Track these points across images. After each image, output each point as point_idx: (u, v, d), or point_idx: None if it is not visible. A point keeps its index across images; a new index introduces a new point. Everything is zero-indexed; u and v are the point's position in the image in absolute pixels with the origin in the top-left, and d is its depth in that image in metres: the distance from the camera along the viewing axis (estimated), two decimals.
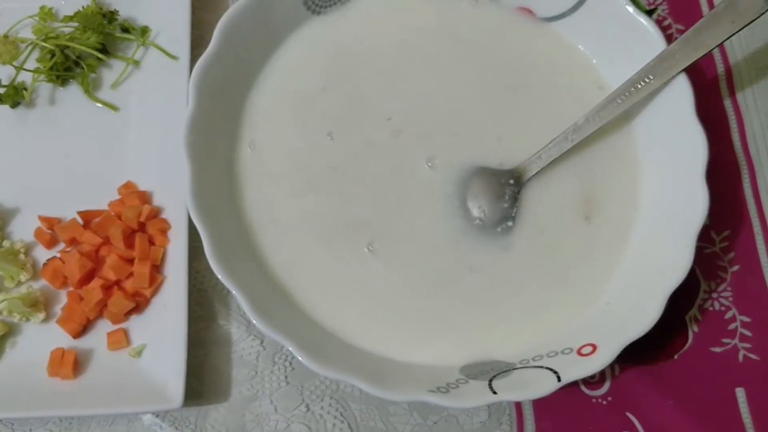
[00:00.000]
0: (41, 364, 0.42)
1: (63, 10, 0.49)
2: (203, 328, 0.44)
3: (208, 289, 0.45)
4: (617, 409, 0.43)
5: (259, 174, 0.43)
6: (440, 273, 0.42)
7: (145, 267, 0.43)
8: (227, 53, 0.42)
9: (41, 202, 0.46)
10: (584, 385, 0.43)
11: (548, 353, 0.39)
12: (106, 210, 0.45)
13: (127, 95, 0.48)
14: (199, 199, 0.39)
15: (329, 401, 0.43)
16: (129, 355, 0.43)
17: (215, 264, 0.38)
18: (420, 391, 0.37)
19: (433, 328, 0.41)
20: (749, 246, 0.46)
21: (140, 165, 0.46)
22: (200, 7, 0.50)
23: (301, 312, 0.41)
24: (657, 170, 0.43)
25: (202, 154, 0.40)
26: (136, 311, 0.43)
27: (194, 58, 0.44)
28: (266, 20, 0.43)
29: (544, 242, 0.42)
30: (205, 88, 0.41)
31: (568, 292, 0.42)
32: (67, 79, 0.48)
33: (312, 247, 0.42)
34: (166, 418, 0.43)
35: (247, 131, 0.44)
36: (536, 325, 0.41)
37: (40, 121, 0.48)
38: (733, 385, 0.43)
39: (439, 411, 0.43)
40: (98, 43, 0.47)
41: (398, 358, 0.40)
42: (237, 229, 0.42)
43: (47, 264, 0.44)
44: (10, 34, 0.49)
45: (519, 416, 0.43)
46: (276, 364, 0.44)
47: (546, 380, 0.37)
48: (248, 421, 0.43)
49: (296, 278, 0.41)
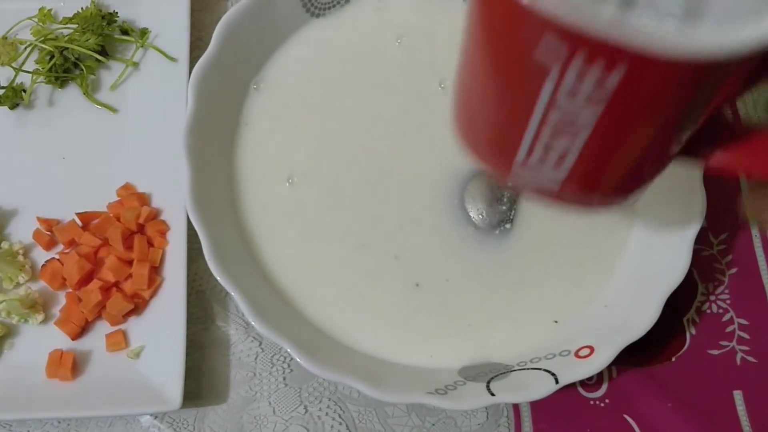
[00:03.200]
0: (40, 366, 0.42)
1: (62, 12, 0.50)
2: (202, 329, 0.44)
3: (207, 290, 0.45)
4: (615, 411, 0.43)
5: (258, 176, 0.43)
6: (438, 275, 0.42)
7: (144, 269, 0.43)
8: (226, 55, 0.42)
9: (40, 203, 0.46)
10: (582, 387, 0.43)
11: (546, 355, 0.39)
12: (105, 212, 0.45)
13: (126, 97, 0.48)
14: (198, 202, 0.39)
15: (327, 403, 0.43)
16: (127, 357, 0.43)
17: (214, 266, 0.38)
18: (418, 392, 0.37)
19: (432, 330, 0.41)
20: (747, 249, 0.46)
21: (139, 167, 0.46)
22: (199, 9, 0.50)
23: (300, 314, 0.41)
24: None
25: (201, 156, 0.40)
26: (134, 313, 0.43)
27: (193, 60, 0.44)
28: (265, 22, 0.43)
29: (542, 245, 0.42)
30: (204, 90, 0.41)
31: (566, 295, 0.42)
32: (66, 81, 0.48)
33: (311, 249, 0.42)
34: (165, 420, 0.43)
35: (247, 133, 0.44)
36: (534, 327, 0.41)
37: (39, 123, 0.48)
38: (731, 387, 0.43)
39: (437, 413, 0.43)
40: (97, 45, 0.48)
41: (396, 360, 0.40)
42: (236, 231, 0.42)
43: (46, 265, 0.44)
44: (9, 36, 0.49)
45: (517, 418, 0.43)
46: (274, 365, 0.44)
47: (544, 382, 0.37)
48: (246, 422, 0.43)
49: (295, 280, 0.41)
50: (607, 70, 0.18)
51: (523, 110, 0.22)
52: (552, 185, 0.25)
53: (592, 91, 0.19)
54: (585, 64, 0.18)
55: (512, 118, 0.23)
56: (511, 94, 0.23)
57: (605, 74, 0.19)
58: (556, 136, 0.22)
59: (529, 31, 0.19)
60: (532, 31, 0.19)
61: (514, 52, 0.21)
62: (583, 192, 0.26)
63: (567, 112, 0.21)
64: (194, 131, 0.40)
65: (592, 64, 0.18)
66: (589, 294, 0.42)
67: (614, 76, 0.18)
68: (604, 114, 0.20)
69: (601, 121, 0.21)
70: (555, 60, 0.19)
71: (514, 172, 0.26)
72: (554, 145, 0.23)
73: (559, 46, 0.18)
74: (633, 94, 0.19)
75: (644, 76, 0.18)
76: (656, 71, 0.18)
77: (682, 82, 0.19)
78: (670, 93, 0.19)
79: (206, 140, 0.41)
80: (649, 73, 0.18)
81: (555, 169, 0.24)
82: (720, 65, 0.18)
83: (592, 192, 0.26)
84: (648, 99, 0.20)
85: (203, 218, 0.39)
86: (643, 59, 0.17)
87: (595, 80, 0.19)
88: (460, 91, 0.27)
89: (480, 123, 0.26)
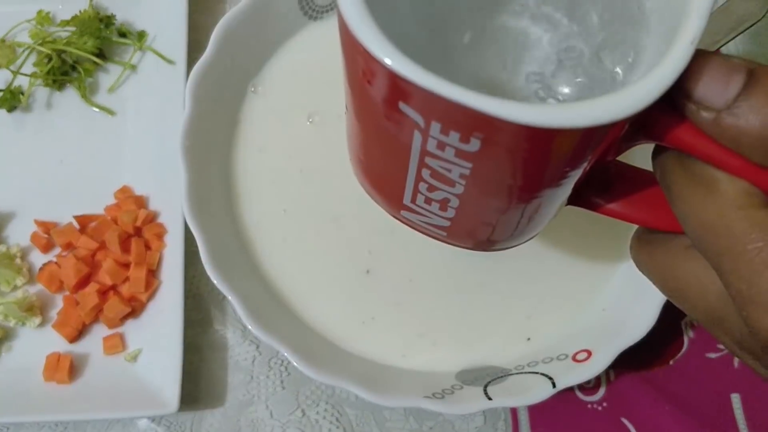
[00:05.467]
0: (37, 369, 0.42)
1: (60, 15, 0.49)
2: (199, 333, 0.44)
3: (204, 294, 0.45)
4: (612, 414, 0.43)
5: (256, 179, 0.43)
6: (435, 280, 0.42)
7: (141, 271, 0.43)
8: (224, 58, 0.42)
9: (37, 206, 0.46)
10: (580, 391, 0.43)
11: (543, 359, 0.39)
12: (102, 214, 0.45)
13: (124, 100, 0.48)
14: (195, 204, 0.39)
15: (325, 406, 0.43)
16: (125, 360, 0.43)
17: (211, 269, 0.38)
18: (416, 396, 0.37)
19: (429, 334, 0.41)
20: None
21: (137, 169, 0.46)
22: (197, 11, 0.50)
23: (297, 317, 0.41)
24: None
25: (198, 159, 0.40)
26: (131, 316, 0.43)
27: (191, 62, 0.44)
28: (263, 25, 0.43)
29: (540, 248, 0.42)
30: (201, 92, 0.41)
31: (563, 298, 0.42)
32: (64, 84, 0.48)
33: (309, 252, 0.42)
34: (162, 423, 0.43)
35: (244, 136, 0.44)
36: (532, 331, 0.41)
37: (37, 125, 0.48)
38: (729, 390, 0.43)
39: (435, 416, 0.43)
40: (95, 48, 0.47)
41: (394, 363, 0.40)
42: (233, 234, 0.42)
43: (43, 268, 0.44)
44: (7, 38, 0.49)
45: (514, 422, 0.43)
46: (272, 369, 0.44)
47: (541, 386, 0.37)
48: (244, 426, 0.43)
49: (292, 284, 0.41)
50: (464, 140, 0.18)
51: (399, 162, 0.22)
52: (442, 226, 0.25)
53: (456, 153, 0.19)
54: (443, 131, 0.19)
55: (392, 167, 0.23)
56: (386, 145, 0.22)
57: (465, 139, 0.19)
58: (434, 187, 0.22)
59: (390, 92, 0.19)
60: (393, 94, 0.19)
61: (380, 110, 0.20)
62: (473, 236, 0.26)
63: (439, 167, 0.21)
64: (192, 134, 0.40)
65: (450, 132, 0.18)
66: (587, 297, 0.42)
67: (473, 142, 0.18)
68: (474, 171, 0.20)
69: (472, 177, 0.21)
70: (416, 126, 0.19)
71: (404, 212, 0.25)
72: (434, 193, 0.23)
73: (417, 114, 0.19)
74: (495, 157, 0.19)
75: (498, 143, 0.18)
76: (510, 139, 0.18)
77: (538, 150, 0.19)
78: (528, 159, 0.19)
79: (204, 143, 0.41)
80: (503, 140, 0.18)
81: (442, 211, 0.24)
82: (567, 135, 0.18)
83: (482, 236, 0.26)
84: (509, 162, 0.20)
85: (200, 221, 0.39)
86: (497, 129, 0.18)
87: (457, 143, 0.19)
88: (347, 128, 0.26)
89: (366, 163, 0.26)
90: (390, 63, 0.17)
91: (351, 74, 0.21)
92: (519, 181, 0.21)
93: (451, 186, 0.22)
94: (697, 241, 0.20)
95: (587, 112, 0.17)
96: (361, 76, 0.20)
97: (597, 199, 0.25)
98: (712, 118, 0.18)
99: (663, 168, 0.21)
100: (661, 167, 0.21)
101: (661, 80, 0.17)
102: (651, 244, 0.24)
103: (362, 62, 0.19)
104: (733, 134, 0.18)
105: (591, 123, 0.17)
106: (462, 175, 0.21)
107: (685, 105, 0.19)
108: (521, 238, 0.27)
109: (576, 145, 0.19)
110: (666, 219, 0.23)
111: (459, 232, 0.26)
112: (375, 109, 0.21)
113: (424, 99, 0.18)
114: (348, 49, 0.20)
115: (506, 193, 0.22)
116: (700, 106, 0.18)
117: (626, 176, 0.25)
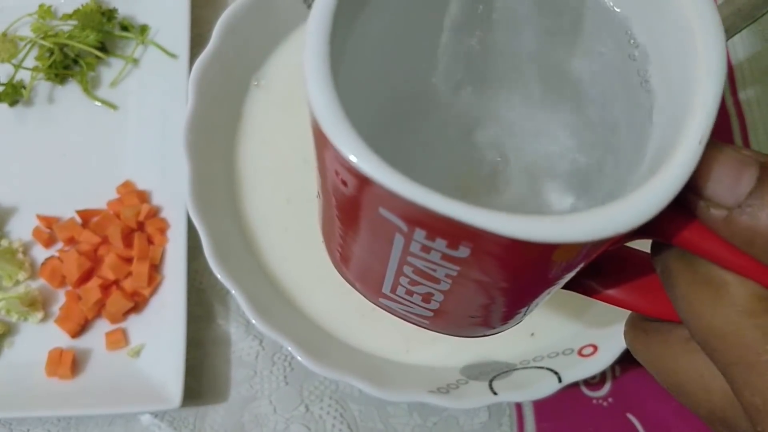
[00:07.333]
0: (39, 364, 0.42)
1: (62, 9, 0.49)
2: (202, 328, 0.44)
3: (207, 288, 0.45)
4: (618, 410, 0.43)
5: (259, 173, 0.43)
6: None
7: (144, 266, 0.43)
8: (227, 52, 0.42)
9: (40, 200, 0.46)
10: (585, 386, 0.43)
11: (549, 354, 0.39)
12: (104, 209, 0.45)
13: (126, 94, 0.48)
14: (198, 199, 0.39)
15: (329, 402, 0.43)
16: (127, 355, 0.42)
17: (214, 264, 0.37)
18: (420, 391, 0.37)
19: None
20: None
21: (139, 164, 0.46)
22: (200, 5, 0.49)
23: (301, 312, 0.41)
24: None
25: (201, 153, 0.40)
26: (134, 311, 0.43)
27: (194, 56, 0.44)
28: (266, 18, 0.43)
29: None
30: (204, 86, 0.41)
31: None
32: (65, 78, 0.48)
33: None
34: (165, 419, 0.43)
35: (247, 130, 0.44)
36: (536, 325, 0.41)
37: (39, 120, 0.48)
38: None
39: (439, 412, 0.42)
40: (97, 42, 0.47)
41: (398, 358, 0.40)
42: (236, 228, 0.42)
43: (45, 263, 0.44)
44: (9, 32, 0.49)
45: (519, 417, 0.43)
46: (275, 364, 0.43)
47: (547, 381, 0.37)
48: (247, 421, 0.42)
49: (296, 278, 0.41)
50: (453, 246, 0.17)
51: (378, 257, 0.20)
52: (425, 316, 0.24)
53: (443, 257, 0.18)
54: (428, 238, 0.17)
55: (369, 260, 0.21)
56: (364, 240, 0.20)
57: (453, 246, 0.17)
58: (416, 282, 0.21)
59: (368, 198, 0.17)
60: (371, 200, 0.17)
61: (357, 211, 0.19)
62: (458, 326, 0.25)
63: (423, 266, 0.19)
64: (194, 128, 0.40)
65: (436, 238, 0.17)
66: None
67: (463, 249, 0.17)
68: (462, 273, 0.19)
69: (460, 277, 0.19)
70: (398, 229, 0.18)
71: (383, 300, 0.24)
72: (417, 287, 0.21)
73: (399, 219, 0.17)
74: (486, 264, 0.18)
75: (490, 253, 0.17)
76: (502, 250, 0.17)
77: (533, 261, 0.18)
78: (523, 267, 0.18)
79: (206, 137, 0.41)
80: (495, 250, 0.17)
81: (425, 303, 0.22)
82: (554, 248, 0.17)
83: (469, 326, 0.25)
84: (501, 269, 0.18)
85: (203, 215, 0.38)
86: (487, 241, 0.16)
87: (444, 248, 0.17)
88: (319, 211, 0.24)
89: (342, 252, 0.24)
90: (368, 170, 0.16)
91: (323, 169, 0.19)
92: (511, 284, 0.20)
93: (435, 283, 0.20)
94: (704, 345, 0.18)
95: (588, 226, 0.16)
96: (334, 176, 0.18)
97: (588, 281, 0.24)
98: (722, 216, 0.17)
99: (665, 266, 0.19)
100: (663, 265, 0.19)
101: (668, 187, 0.16)
102: (647, 333, 0.22)
103: (336, 164, 0.17)
104: (746, 234, 0.17)
105: (592, 238, 0.16)
106: (448, 276, 0.19)
107: (693, 202, 0.17)
108: (511, 325, 0.26)
109: (575, 256, 0.18)
110: (663, 307, 0.21)
111: (443, 323, 0.25)
112: (351, 209, 0.19)
113: (407, 209, 0.16)
114: (318, 141, 0.18)
115: (497, 294, 0.20)
116: (710, 203, 0.17)
117: (619, 257, 0.23)
